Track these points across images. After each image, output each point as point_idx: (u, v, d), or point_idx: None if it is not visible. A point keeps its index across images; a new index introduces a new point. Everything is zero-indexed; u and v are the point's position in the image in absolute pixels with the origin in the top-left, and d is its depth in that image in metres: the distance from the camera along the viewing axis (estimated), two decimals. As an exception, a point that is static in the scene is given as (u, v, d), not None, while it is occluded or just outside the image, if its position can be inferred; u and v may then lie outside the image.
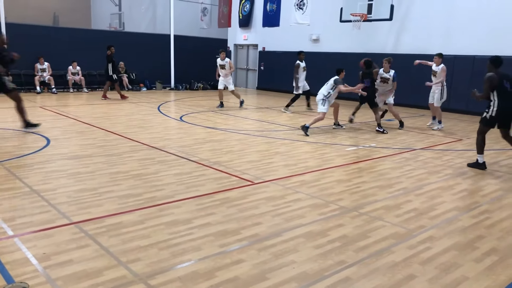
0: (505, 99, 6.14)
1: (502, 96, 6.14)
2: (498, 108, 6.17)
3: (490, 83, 6.15)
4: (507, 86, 6.13)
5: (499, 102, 6.15)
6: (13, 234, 3.61)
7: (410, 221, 4.26)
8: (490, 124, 6.38)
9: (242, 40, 21.57)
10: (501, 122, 6.33)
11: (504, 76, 6.19)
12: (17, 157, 6.19)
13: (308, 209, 4.48)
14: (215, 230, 3.86)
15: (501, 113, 6.18)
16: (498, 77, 6.13)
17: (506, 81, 6.16)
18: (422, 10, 14.38)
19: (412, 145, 8.25)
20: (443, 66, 10.14)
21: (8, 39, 8.64)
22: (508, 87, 6.13)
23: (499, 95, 6.16)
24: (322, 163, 6.56)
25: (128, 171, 5.69)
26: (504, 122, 6.34)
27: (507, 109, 6.19)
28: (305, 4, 18.27)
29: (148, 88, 18.45)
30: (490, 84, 6.15)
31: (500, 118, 6.23)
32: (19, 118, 8.29)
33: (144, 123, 9.79)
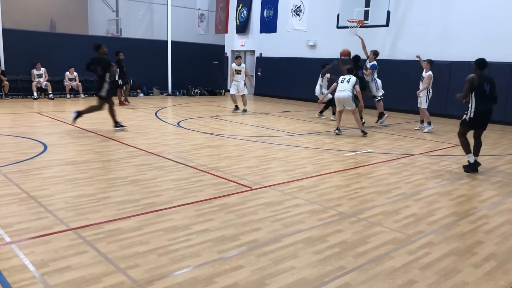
0: (483, 101, 6.25)
1: (480, 98, 6.24)
2: (475, 109, 6.29)
3: (470, 84, 6.22)
4: (487, 89, 6.23)
5: (477, 104, 6.27)
6: (10, 241, 3.58)
7: (409, 227, 4.26)
8: (469, 125, 6.49)
9: (240, 46, 21.62)
10: (479, 123, 6.44)
11: (485, 79, 6.27)
12: (14, 163, 6.16)
13: (307, 215, 4.47)
14: (214, 236, 3.84)
15: (478, 114, 6.30)
16: (479, 79, 6.21)
17: (487, 84, 6.24)
18: (418, 16, 14.48)
19: (409, 150, 8.27)
20: (430, 74, 10.50)
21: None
22: (488, 90, 6.24)
23: (477, 97, 6.26)
24: (320, 168, 6.56)
25: (126, 177, 5.67)
26: (482, 123, 6.45)
27: (484, 111, 6.30)
28: (302, 10, 18.37)
29: (145, 94, 18.44)
30: (470, 85, 6.23)
31: (478, 119, 6.34)
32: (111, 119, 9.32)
33: (142, 128, 9.77)
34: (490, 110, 6.38)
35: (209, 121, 11.28)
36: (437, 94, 13.94)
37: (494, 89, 6.35)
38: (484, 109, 6.30)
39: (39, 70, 15.40)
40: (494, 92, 6.34)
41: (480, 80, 6.21)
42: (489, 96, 6.31)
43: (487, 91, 6.25)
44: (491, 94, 6.32)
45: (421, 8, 14.37)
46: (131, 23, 21.90)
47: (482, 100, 6.25)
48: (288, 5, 18.87)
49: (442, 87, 13.88)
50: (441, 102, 13.93)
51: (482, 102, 6.26)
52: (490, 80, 6.31)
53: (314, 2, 17.83)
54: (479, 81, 6.20)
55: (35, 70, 15.34)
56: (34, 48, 15.60)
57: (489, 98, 6.32)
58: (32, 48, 15.57)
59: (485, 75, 6.36)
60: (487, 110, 6.35)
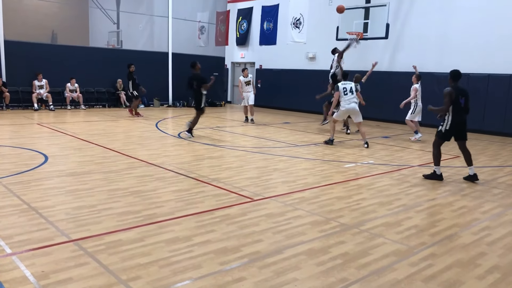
0: (459, 113, 6.44)
1: (456, 111, 6.42)
2: (452, 122, 6.47)
3: (450, 98, 6.36)
4: (462, 102, 6.42)
5: (453, 117, 6.45)
6: (11, 252, 3.56)
7: (411, 238, 4.25)
8: (444, 137, 6.66)
9: (240, 58, 21.77)
10: (456, 134, 6.61)
11: (460, 92, 6.43)
12: (15, 174, 6.15)
13: (309, 226, 4.46)
14: (216, 248, 3.83)
15: (454, 126, 6.48)
16: (456, 92, 6.37)
17: (461, 96, 6.42)
18: (416, 28, 14.60)
19: (410, 162, 8.27)
20: (414, 86, 10.88)
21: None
22: (462, 103, 6.43)
23: (453, 110, 6.43)
24: (321, 179, 6.55)
25: (126, 188, 5.66)
26: (459, 134, 6.62)
27: (459, 123, 6.49)
28: (302, 23, 18.52)
29: (145, 105, 18.49)
30: (449, 98, 6.37)
31: (453, 131, 6.53)
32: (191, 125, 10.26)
33: (142, 140, 9.78)
34: (465, 121, 6.60)
35: (209, 132, 11.29)
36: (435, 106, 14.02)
37: (468, 101, 6.54)
38: (459, 121, 6.50)
39: (40, 81, 15.46)
40: (467, 104, 6.53)
41: (457, 93, 6.36)
42: (464, 108, 6.49)
43: (462, 104, 6.44)
44: (465, 106, 6.50)
45: (420, 20, 14.50)
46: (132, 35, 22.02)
47: (457, 113, 6.44)
48: (288, 18, 19.02)
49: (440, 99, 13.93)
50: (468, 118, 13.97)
51: (458, 115, 6.45)
52: (465, 93, 6.49)
53: (313, 15, 17.98)
54: (456, 94, 6.35)
55: (36, 81, 15.40)
56: (35, 59, 15.68)
57: (463, 110, 6.50)
58: (33, 60, 15.65)
59: (460, 88, 6.51)
60: (462, 122, 6.54)
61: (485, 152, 9.75)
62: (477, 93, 13.05)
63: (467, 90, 6.60)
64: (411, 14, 14.75)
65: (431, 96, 14.12)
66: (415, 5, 14.64)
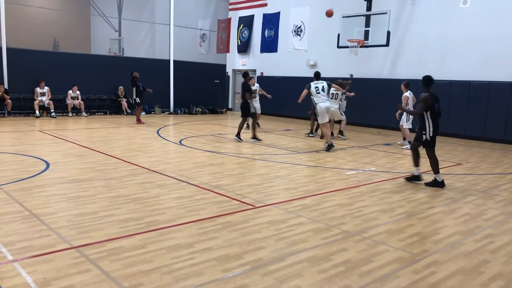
0: (436, 118, 6.52)
1: (434, 116, 6.50)
2: (433, 128, 6.53)
3: (425, 103, 6.41)
4: (436, 107, 6.50)
5: (433, 123, 6.51)
6: (13, 259, 3.55)
7: (414, 245, 4.23)
8: (433, 144, 6.65)
9: (241, 65, 21.84)
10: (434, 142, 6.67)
11: (435, 97, 6.49)
12: (17, 180, 6.15)
13: (311, 233, 4.44)
14: (218, 255, 3.81)
15: (436, 132, 6.55)
16: (431, 98, 6.42)
17: (436, 102, 6.48)
18: (417, 36, 14.66)
19: (411, 169, 8.21)
20: (404, 95, 10.80)
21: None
22: (437, 108, 6.49)
23: (432, 116, 6.48)
24: (323, 187, 6.54)
25: (128, 194, 5.65)
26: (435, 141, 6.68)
27: (437, 128, 6.57)
28: (303, 30, 18.62)
29: (147, 112, 18.52)
30: (425, 104, 6.40)
31: (436, 135, 6.58)
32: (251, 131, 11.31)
33: (144, 146, 9.79)
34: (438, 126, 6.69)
35: (210, 139, 11.30)
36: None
37: (439, 105, 6.63)
38: (438, 125, 6.58)
39: (42, 88, 15.51)
40: (440, 108, 6.61)
41: (432, 99, 6.42)
42: (438, 113, 6.57)
43: (437, 109, 6.51)
44: (438, 111, 6.58)
45: (421, 27, 14.57)
46: (134, 42, 22.11)
47: (435, 118, 6.52)
48: (289, 26, 19.14)
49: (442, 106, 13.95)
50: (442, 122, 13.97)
51: (435, 120, 6.53)
52: (438, 98, 6.57)
53: (314, 23, 18.08)
54: (431, 99, 6.40)
55: (38, 88, 15.45)
56: (37, 67, 15.75)
57: (438, 115, 6.58)
58: (35, 67, 15.71)
59: (434, 93, 6.56)
60: (438, 127, 6.62)
61: (486, 160, 9.73)
62: (478, 101, 13.09)
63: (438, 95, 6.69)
64: (412, 21, 14.82)
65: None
66: (416, 13, 14.71)
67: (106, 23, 21.18)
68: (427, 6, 14.37)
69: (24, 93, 15.54)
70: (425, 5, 14.43)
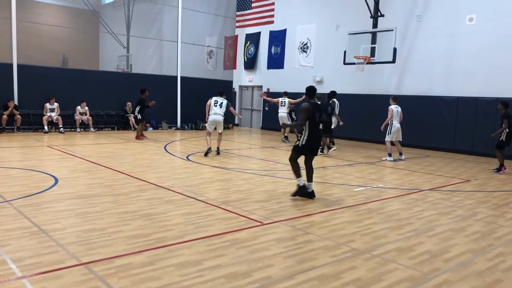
0: (315, 128, 6.59)
1: (312, 126, 6.56)
2: (308, 137, 6.55)
3: (307, 114, 6.44)
4: (317, 117, 6.58)
5: (309, 132, 6.54)
6: (22, 275, 3.55)
7: (424, 264, 4.18)
8: (300, 151, 6.69)
9: (247, 81, 22.00)
10: (310, 149, 6.67)
11: (316, 107, 6.56)
12: (26, 196, 6.18)
13: (320, 251, 4.41)
14: (226, 272, 3.79)
15: (310, 141, 6.58)
16: (312, 108, 6.46)
17: (317, 112, 6.55)
18: (424, 53, 14.72)
19: (419, 185, 8.21)
20: (389, 107, 11.51)
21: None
22: (317, 118, 6.58)
23: (310, 125, 6.54)
24: (331, 203, 6.51)
25: (136, 210, 5.65)
26: (312, 149, 6.68)
27: (315, 138, 6.62)
28: (309, 47, 18.77)
29: (154, 128, 18.64)
30: (306, 114, 6.45)
31: (310, 145, 6.61)
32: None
33: (151, 162, 9.82)
34: (320, 137, 6.83)
35: (217, 155, 11.31)
36: (445, 130, 14.01)
37: (322, 116, 6.75)
38: (316, 136, 6.64)
39: (52, 104, 15.68)
40: (322, 118, 6.74)
41: (313, 109, 6.47)
42: (319, 123, 6.69)
43: (318, 119, 6.63)
44: (319, 121, 6.70)
45: (427, 44, 14.63)
46: (141, 59, 22.41)
47: (313, 128, 6.57)
48: (295, 43, 19.31)
49: (449, 123, 13.94)
50: (449, 138, 13.96)
51: (314, 130, 6.59)
52: (320, 109, 6.65)
53: (320, 40, 18.23)
54: (312, 109, 6.46)
55: (48, 104, 15.62)
56: (46, 83, 15.97)
57: (318, 125, 6.68)
58: (45, 83, 15.93)
59: (316, 103, 6.65)
60: (318, 137, 6.73)
61: (496, 176, 9.65)
62: (486, 117, 13.04)
63: (322, 106, 6.85)
64: (418, 38, 14.90)
65: (440, 120, 14.15)
66: (422, 29, 14.80)
67: (115, 40, 21.51)
68: (433, 23, 14.46)
69: (33, 109, 15.71)
70: (431, 22, 14.52)
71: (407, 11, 15.13)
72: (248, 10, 21.68)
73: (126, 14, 22.08)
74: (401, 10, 15.24)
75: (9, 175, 7.74)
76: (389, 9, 15.22)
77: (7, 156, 10.09)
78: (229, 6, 22.28)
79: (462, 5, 13.75)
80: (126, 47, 22.28)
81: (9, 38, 15.54)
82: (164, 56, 22.23)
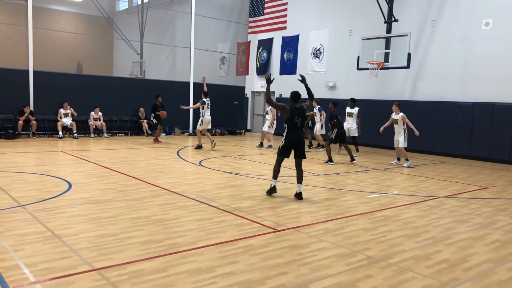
0: (294, 130, 6.93)
1: (291, 128, 6.93)
2: (286, 138, 6.97)
3: (283, 109, 6.95)
4: (298, 122, 6.91)
5: (288, 133, 6.97)
6: (35, 280, 3.54)
7: (443, 273, 4.06)
8: (282, 153, 7.05)
9: (259, 87, 21.99)
10: (294, 151, 7.02)
11: (298, 112, 6.92)
12: (40, 201, 6.21)
13: (335, 259, 4.32)
14: (239, 280, 3.73)
15: (290, 142, 6.93)
16: (291, 111, 6.84)
17: (298, 117, 6.89)
18: (438, 58, 14.54)
19: (435, 192, 8.05)
20: (402, 114, 11.29)
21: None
22: (299, 123, 6.93)
23: (289, 127, 6.95)
24: (345, 210, 6.41)
25: (149, 216, 5.63)
26: (296, 151, 7.02)
27: (295, 139, 6.93)
28: (322, 53, 18.70)
29: (167, 134, 18.71)
30: (282, 110, 6.96)
31: (290, 146, 6.95)
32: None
33: (164, 167, 9.83)
34: (301, 138, 7.01)
35: (229, 161, 11.29)
36: (460, 136, 13.78)
37: (304, 119, 7.07)
38: (295, 137, 6.94)
39: (66, 109, 15.85)
40: (303, 122, 7.05)
41: (293, 112, 6.84)
42: (301, 126, 6.99)
43: (299, 124, 6.94)
44: (302, 125, 7.01)
45: (442, 49, 14.46)
46: (155, 65, 22.58)
47: (292, 130, 6.93)
48: (308, 48, 19.26)
49: (465, 129, 13.71)
50: (465, 144, 13.73)
51: (293, 132, 6.93)
52: (301, 114, 6.96)
53: (333, 45, 18.16)
54: (291, 112, 6.83)
55: (62, 109, 15.79)
56: (61, 89, 16.17)
57: (300, 128, 6.99)
58: (60, 89, 16.13)
59: (298, 109, 6.95)
60: (298, 139, 6.97)
61: None
62: (503, 123, 12.80)
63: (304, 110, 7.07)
64: (433, 43, 14.73)
65: (455, 126, 13.92)
66: (436, 34, 14.63)
67: (129, 46, 21.71)
68: (448, 28, 14.29)
69: (48, 115, 15.91)
70: (446, 27, 14.35)
71: (421, 16, 14.98)
72: (261, 16, 21.72)
73: (139, 21, 22.29)
74: (415, 15, 15.09)
75: (24, 179, 7.81)
76: (403, 14, 15.09)
77: (23, 161, 10.19)
78: (242, 12, 22.36)
79: (478, 9, 13.56)
80: (139, 53, 22.47)
81: (25, 45, 15.81)
82: (177, 62, 22.36)
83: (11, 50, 19.35)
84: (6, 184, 7.24)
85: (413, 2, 15.16)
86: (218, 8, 21.63)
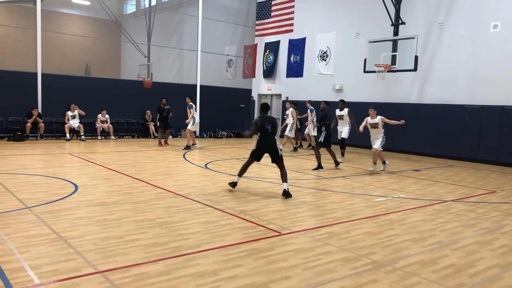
0: (265, 137, 7.58)
1: (262, 135, 7.60)
2: (258, 144, 7.63)
3: (256, 126, 7.56)
4: (268, 128, 7.53)
5: (260, 140, 7.63)
6: (39, 283, 3.56)
7: (449, 278, 4.02)
8: (253, 156, 7.74)
9: (266, 90, 21.99)
10: (261, 154, 7.71)
11: (267, 119, 7.56)
12: (46, 203, 6.25)
13: (339, 263, 4.29)
14: (243, 283, 3.72)
15: (261, 148, 7.60)
16: (261, 121, 7.52)
17: (268, 123, 7.53)
18: (446, 61, 14.45)
19: (442, 196, 7.99)
20: (381, 117, 10.65)
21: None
22: (269, 129, 7.53)
23: (260, 135, 7.64)
24: (351, 214, 6.38)
25: (154, 219, 5.64)
26: (271, 156, 7.63)
27: (265, 144, 7.57)
28: (328, 55, 18.67)
29: (173, 136, 18.75)
30: (255, 126, 7.56)
31: (260, 152, 7.65)
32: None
33: (170, 170, 9.85)
34: (272, 144, 7.58)
35: (235, 163, 11.28)
36: (468, 139, 13.67)
37: (275, 127, 7.65)
38: (266, 143, 7.57)
39: (73, 111, 15.96)
40: (275, 129, 7.63)
41: (262, 121, 7.51)
42: (272, 133, 7.58)
43: (269, 130, 7.54)
44: (273, 132, 7.59)
45: (449, 52, 14.37)
46: (162, 68, 22.67)
47: (263, 137, 7.58)
48: (315, 51, 19.24)
49: (473, 132, 13.60)
50: (473, 148, 13.61)
51: (264, 139, 7.58)
52: (271, 120, 7.62)
53: (340, 48, 18.12)
54: (261, 122, 7.50)
55: (69, 112, 15.90)
56: (69, 91, 16.28)
57: (271, 134, 7.59)
58: (67, 92, 16.25)
59: (267, 117, 7.65)
60: (270, 145, 7.58)
61: None
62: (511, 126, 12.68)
63: (274, 118, 7.83)
64: (440, 46, 14.65)
65: (463, 129, 13.82)
66: (444, 37, 14.55)
67: (136, 49, 21.82)
68: (456, 31, 14.20)
69: (56, 117, 16.03)
70: (454, 29, 14.27)
71: (429, 19, 14.90)
72: (268, 19, 21.74)
73: (147, 24, 22.40)
74: (423, 18, 15.02)
75: (31, 182, 7.86)
76: (410, 17, 15.03)
77: (30, 163, 10.27)
78: (249, 16, 22.40)
79: (486, 12, 13.46)
80: (147, 56, 22.57)
81: (34, 48, 15.96)
82: (184, 65, 22.44)
83: (20, 53, 19.57)
84: (13, 186, 7.30)
85: (420, 4, 15.09)
86: (225, 11, 21.70)
